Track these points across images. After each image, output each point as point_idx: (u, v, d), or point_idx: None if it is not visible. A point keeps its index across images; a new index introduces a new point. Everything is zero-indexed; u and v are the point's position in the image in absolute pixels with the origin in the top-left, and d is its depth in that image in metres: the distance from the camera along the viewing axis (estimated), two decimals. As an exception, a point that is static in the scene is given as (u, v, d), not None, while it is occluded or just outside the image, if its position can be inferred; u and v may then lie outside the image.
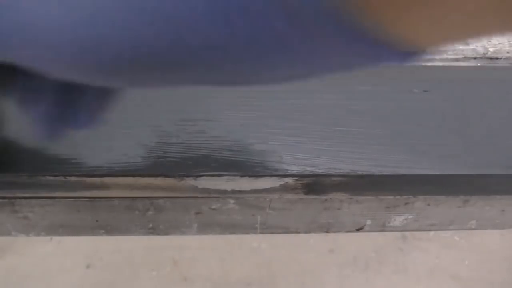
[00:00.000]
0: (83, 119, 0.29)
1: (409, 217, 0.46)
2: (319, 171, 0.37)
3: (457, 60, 0.48)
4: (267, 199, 0.44)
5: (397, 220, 0.46)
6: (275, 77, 0.22)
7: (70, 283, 1.24)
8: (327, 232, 0.48)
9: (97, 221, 0.45)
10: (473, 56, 0.48)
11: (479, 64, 0.48)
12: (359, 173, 0.38)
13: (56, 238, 1.28)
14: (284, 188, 0.38)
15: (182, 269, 1.27)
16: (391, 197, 0.43)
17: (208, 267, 1.28)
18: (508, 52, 0.48)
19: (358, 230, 0.47)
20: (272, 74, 0.21)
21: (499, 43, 0.49)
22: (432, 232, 1.32)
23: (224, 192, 0.39)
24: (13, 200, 0.43)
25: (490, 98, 0.43)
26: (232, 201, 0.44)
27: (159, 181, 0.38)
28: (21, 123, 0.39)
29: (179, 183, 0.38)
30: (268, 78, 0.22)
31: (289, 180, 0.38)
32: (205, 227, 0.47)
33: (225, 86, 0.28)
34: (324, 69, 0.21)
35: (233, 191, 0.39)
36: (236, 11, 0.17)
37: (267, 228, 0.47)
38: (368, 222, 0.47)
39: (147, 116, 0.40)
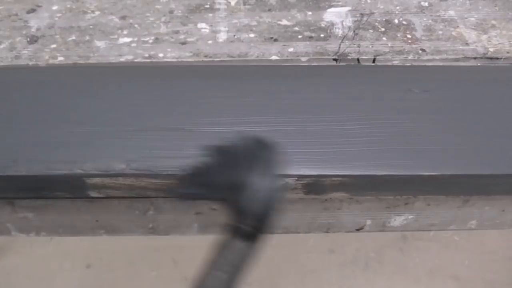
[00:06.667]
0: None
1: (409, 217, 0.46)
2: (319, 171, 0.37)
3: (457, 60, 0.48)
4: (267, 199, 0.44)
5: (397, 220, 0.46)
6: None
7: (70, 283, 1.24)
8: (327, 232, 0.48)
9: (97, 221, 0.45)
10: (473, 56, 0.48)
11: (479, 64, 0.48)
12: (359, 173, 0.38)
13: (56, 238, 1.28)
14: (284, 188, 0.38)
15: (182, 269, 1.27)
16: (391, 197, 0.43)
17: (208, 267, 1.27)
18: (508, 52, 0.48)
19: (358, 230, 0.47)
20: None
21: (499, 43, 0.49)
22: (432, 232, 1.32)
23: (224, 192, 0.39)
24: (13, 200, 0.43)
25: (490, 98, 0.43)
26: (232, 201, 0.44)
27: (159, 181, 0.37)
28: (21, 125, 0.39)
29: (179, 183, 0.38)
30: None
31: (289, 180, 0.37)
32: (205, 227, 0.47)
33: None
34: None
35: (233, 191, 0.39)
36: None
37: (267, 228, 0.47)
38: (368, 222, 0.47)
39: (148, 117, 0.40)
